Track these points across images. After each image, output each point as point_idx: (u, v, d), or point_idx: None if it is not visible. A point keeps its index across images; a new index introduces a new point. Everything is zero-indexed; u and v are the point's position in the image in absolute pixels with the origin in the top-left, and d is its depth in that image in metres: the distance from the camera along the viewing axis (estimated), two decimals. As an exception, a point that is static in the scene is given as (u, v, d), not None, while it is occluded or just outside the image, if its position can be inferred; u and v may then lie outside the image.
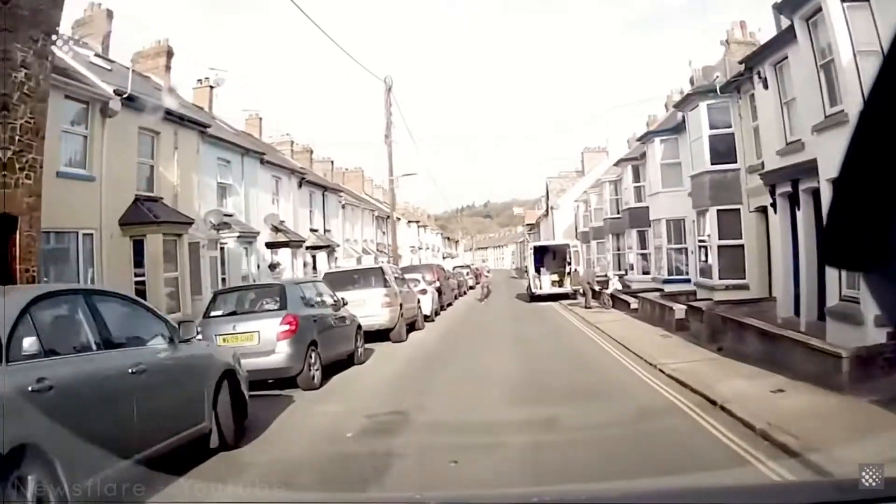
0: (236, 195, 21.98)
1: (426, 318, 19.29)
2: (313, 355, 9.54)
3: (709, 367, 9.83)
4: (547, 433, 6.21)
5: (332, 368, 10.66)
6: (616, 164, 27.54)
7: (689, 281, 20.42)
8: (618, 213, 29.38)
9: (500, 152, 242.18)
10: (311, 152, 41.17)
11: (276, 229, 23.73)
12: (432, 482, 5.09)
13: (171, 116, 18.03)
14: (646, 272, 25.19)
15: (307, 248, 26.96)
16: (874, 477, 1.81)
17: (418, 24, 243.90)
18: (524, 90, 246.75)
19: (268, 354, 8.92)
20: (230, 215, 21.15)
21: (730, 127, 16.64)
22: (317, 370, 9.68)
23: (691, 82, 29.86)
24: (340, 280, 14.95)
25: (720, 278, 16.19)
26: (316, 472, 5.62)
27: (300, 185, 27.12)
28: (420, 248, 55.90)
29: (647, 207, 24.62)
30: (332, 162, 46.23)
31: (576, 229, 40.46)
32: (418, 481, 5.16)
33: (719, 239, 16.25)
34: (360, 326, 12.27)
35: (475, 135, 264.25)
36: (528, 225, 67.78)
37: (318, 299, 11.09)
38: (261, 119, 34.54)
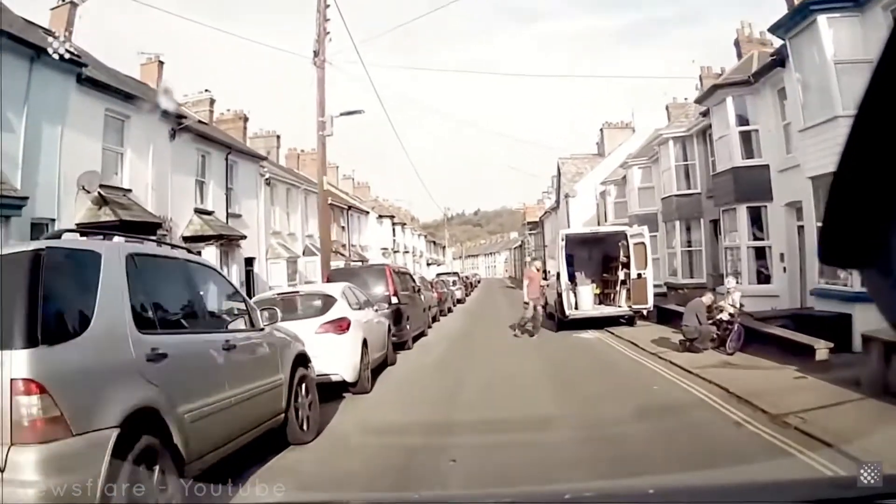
0: (8, 132, 11.28)
1: (350, 387, 8.44)
2: None
3: None
4: None
5: None
6: (701, 100, 16.55)
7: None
8: (688, 186, 18.85)
9: (493, 159, 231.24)
10: (245, 120, 30.49)
11: (101, 200, 12.98)
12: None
13: None
14: (763, 279, 14.55)
15: (185, 238, 16.19)
16: (873, 474, 1.70)
17: (417, 30, 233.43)
18: (519, 91, 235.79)
19: None
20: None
21: None
22: None
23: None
24: None
25: None
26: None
27: (173, 136, 16.33)
28: (396, 251, 44.93)
29: (767, 165, 14.11)
30: (279, 137, 35.46)
31: (598, 223, 29.67)
32: None
33: None
34: None
35: (468, 141, 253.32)
36: (528, 223, 55.28)
37: None
38: (161, 63, 23.76)
